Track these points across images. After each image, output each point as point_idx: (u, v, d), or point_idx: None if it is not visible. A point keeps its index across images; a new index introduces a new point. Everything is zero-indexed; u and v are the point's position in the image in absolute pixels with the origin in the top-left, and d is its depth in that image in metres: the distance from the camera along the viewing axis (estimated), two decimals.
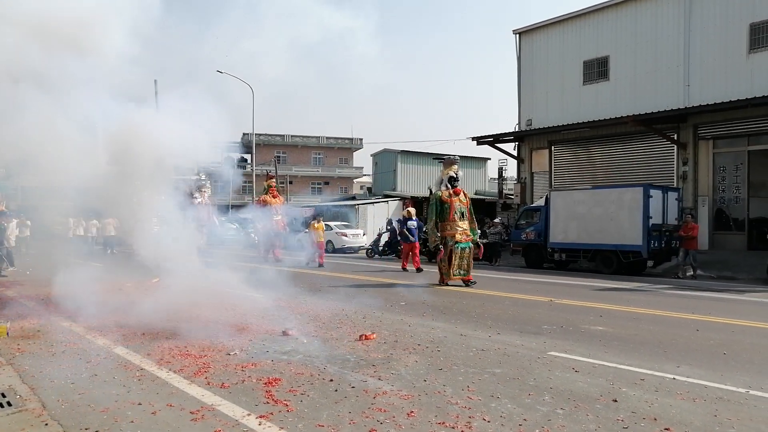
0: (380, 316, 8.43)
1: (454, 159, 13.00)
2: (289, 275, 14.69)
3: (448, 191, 12.41)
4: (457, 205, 12.30)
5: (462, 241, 12.15)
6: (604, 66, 22.44)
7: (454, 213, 12.21)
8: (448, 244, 12.13)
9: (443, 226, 12.30)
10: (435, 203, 12.44)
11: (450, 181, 12.53)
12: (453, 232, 12.15)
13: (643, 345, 6.41)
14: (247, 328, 7.46)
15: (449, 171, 12.62)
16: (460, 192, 12.55)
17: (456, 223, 12.18)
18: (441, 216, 12.33)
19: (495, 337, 6.92)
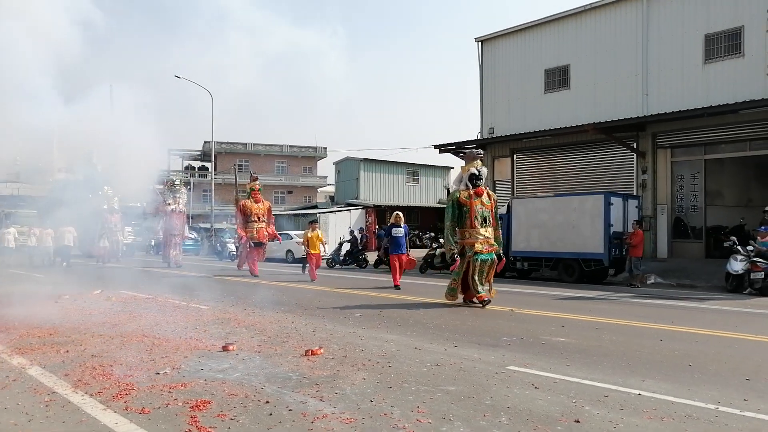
0: (332, 328, 7.91)
1: (477, 153, 10.79)
2: (252, 287, 14.05)
3: (468, 191, 10.26)
4: (478, 208, 10.16)
5: (483, 252, 10.10)
6: (565, 74, 22.50)
7: (474, 217, 10.12)
8: (466, 254, 10.13)
9: (461, 233, 10.31)
10: (452, 205, 10.35)
11: (471, 180, 10.32)
12: (472, 241, 10.11)
13: (606, 357, 6.06)
14: (184, 343, 6.84)
15: (471, 167, 10.44)
16: (483, 192, 10.35)
17: (476, 230, 10.11)
18: (459, 221, 10.28)
19: (451, 350, 6.48)
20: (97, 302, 10.71)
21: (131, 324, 8.25)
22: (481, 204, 10.26)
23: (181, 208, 22.07)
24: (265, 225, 17.71)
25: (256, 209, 17.65)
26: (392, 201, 38.84)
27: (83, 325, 8.20)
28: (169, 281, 15.36)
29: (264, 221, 17.63)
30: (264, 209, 17.82)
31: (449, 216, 10.36)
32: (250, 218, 17.42)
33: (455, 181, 10.92)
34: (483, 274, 10.18)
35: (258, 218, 17.49)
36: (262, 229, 17.54)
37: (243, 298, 11.29)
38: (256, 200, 17.82)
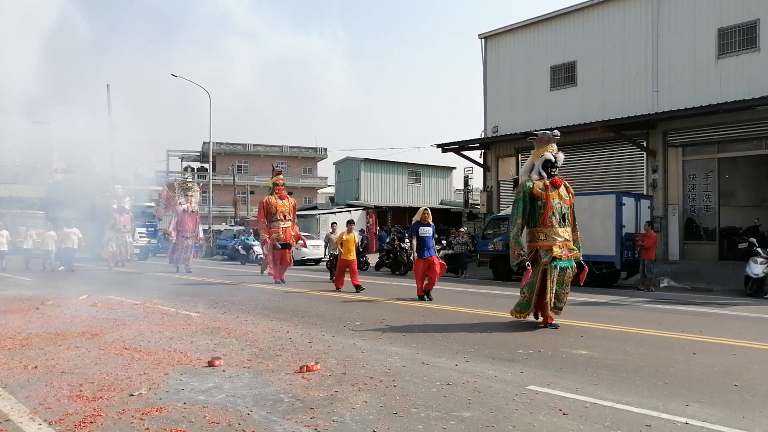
0: (330, 339, 7.25)
1: (553, 134, 8.50)
2: (259, 294, 13.39)
3: (543, 181, 8.23)
4: (556, 203, 8.13)
5: (562, 258, 8.00)
6: (572, 71, 21.87)
7: (551, 214, 8.06)
8: (541, 260, 8.02)
9: (534, 234, 8.21)
10: (523, 199, 8.22)
11: (546, 167, 8.28)
12: (549, 243, 8.01)
13: (638, 375, 5.40)
14: (167, 357, 6.19)
15: (545, 151, 8.34)
16: (560, 184, 8.36)
17: (554, 230, 8.04)
18: (531, 218, 8.21)
19: (463, 365, 5.82)
20: (81, 309, 10.05)
21: (113, 334, 7.60)
22: (560, 198, 8.23)
23: (194, 208, 20.40)
24: (291, 224, 15.78)
25: (282, 207, 15.56)
26: (393, 202, 38.21)
27: (61, 335, 7.55)
28: (162, 286, 14.71)
29: (290, 220, 15.68)
30: (290, 207, 15.81)
31: (519, 211, 8.22)
32: (275, 217, 15.38)
33: (523, 170, 8.81)
34: (563, 285, 8.08)
35: (284, 217, 15.47)
36: (288, 229, 15.53)
37: (237, 305, 10.63)
38: (281, 196, 15.73)
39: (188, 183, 20.95)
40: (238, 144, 59.88)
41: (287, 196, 16.06)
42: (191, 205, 20.07)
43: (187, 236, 19.58)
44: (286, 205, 15.70)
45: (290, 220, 15.67)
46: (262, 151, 60.12)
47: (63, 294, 12.30)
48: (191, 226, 19.84)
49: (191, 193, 20.33)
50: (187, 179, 21.49)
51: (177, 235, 19.56)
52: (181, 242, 19.57)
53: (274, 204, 15.44)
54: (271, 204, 15.44)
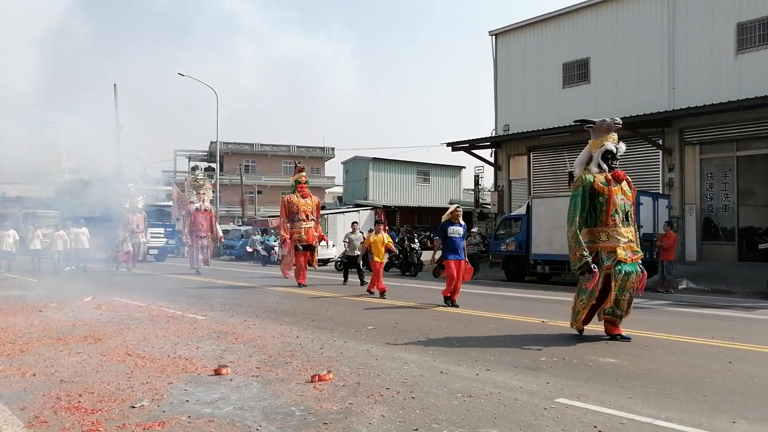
0: (342, 345, 6.93)
1: (614, 122, 7.49)
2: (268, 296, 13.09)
3: (605, 174, 7.33)
4: (619, 199, 7.23)
5: (627, 261, 7.13)
6: (585, 68, 21.44)
7: (613, 212, 7.17)
8: (603, 263, 7.14)
9: (593, 233, 7.29)
10: (582, 194, 7.27)
11: (606, 159, 7.36)
12: (612, 245, 7.14)
13: (674, 386, 5.03)
14: (171, 364, 5.89)
15: (605, 141, 7.41)
16: (623, 177, 7.47)
17: (617, 229, 7.17)
18: (591, 216, 7.32)
19: (484, 374, 5.48)
20: (85, 311, 9.79)
21: (116, 338, 7.31)
22: (622, 193, 7.32)
23: (207, 206, 19.49)
24: (314, 224, 14.86)
25: (304, 206, 14.63)
26: (402, 201, 37.88)
27: (62, 339, 7.28)
28: (170, 288, 14.48)
29: (313, 220, 14.77)
30: (312, 206, 14.92)
31: (577, 208, 7.24)
32: (296, 216, 14.52)
33: (578, 162, 7.81)
34: (625, 292, 7.15)
35: (306, 216, 14.55)
36: (311, 229, 14.60)
37: (245, 308, 10.33)
38: (303, 195, 14.81)
39: (199, 180, 20.03)
40: (245, 144, 59.73)
41: (310, 195, 15.23)
42: (203, 203, 19.29)
43: (201, 236, 18.79)
44: (309, 204, 14.83)
45: (313, 220, 14.80)
46: (270, 151, 59.95)
47: (67, 296, 12.06)
48: (205, 225, 19.06)
49: (203, 191, 19.54)
50: (198, 177, 20.37)
51: (191, 236, 18.86)
52: (196, 242, 18.84)
53: (296, 203, 14.59)
54: (292, 203, 14.60)
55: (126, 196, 20.60)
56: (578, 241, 7.15)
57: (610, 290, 7.09)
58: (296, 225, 14.48)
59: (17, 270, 19.14)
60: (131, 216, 20.28)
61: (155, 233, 25.08)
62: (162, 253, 26.52)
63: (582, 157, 7.72)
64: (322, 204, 54.94)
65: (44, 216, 28.07)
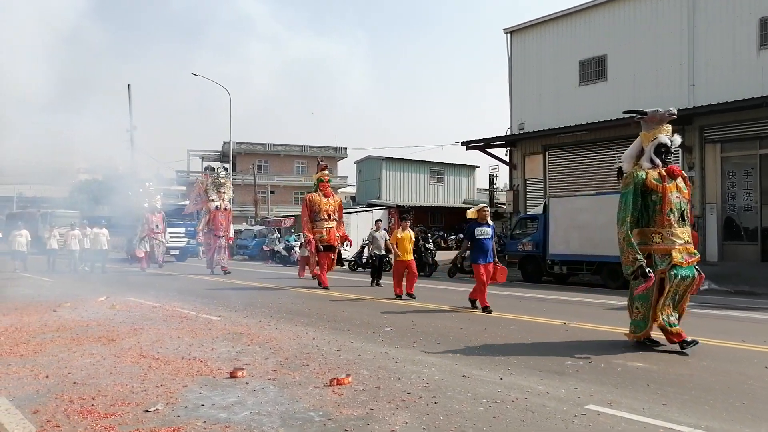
0: (359, 347, 6.75)
1: (668, 112, 6.87)
2: (282, 297, 12.97)
3: (658, 170, 6.68)
4: (674, 198, 6.59)
5: (683, 265, 6.54)
6: (602, 65, 21.09)
7: (668, 211, 6.55)
8: (657, 267, 6.49)
9: (646, 234, 6.68)
10: (633, 192, 6.63)
11: (659, 152, 6.75)
12: (667, 247, 6.53)
13: (709, 393, 4.80)
14: (186, 366, 5.75)
15: (658, 133, 6.82)
16: (679, 173, 6.82)
17: (673, 230, 6.55)
18: (643, 215, 6.69)
19: (508, 379, 5.28)
20: (99, 311, 9.72)
21: (130, 339, 7.20)
22: (678, 191, 6.67)
23: (227, 205, 19.06)
24: (337, 224, 14.39)
25: (326, 205, 14.14)
26: (415, 201, 37.67)
27: (76, 340, 7.18)
28: (183, 288, 14.41)
29: (335, 220, 14.31)
30: (335, 205, 14.45)
31: (628, 208, 6.61)
32: (318, 216, 14.03)
33: (627, 156, 7.16)
34: (676, 297, 6.64)
35: (328, 216, 14.07)
36: (333, 229, 14.13)
37: (259, 308, 10.20)
38: (326, 194, 14.34)
39: (221, 179, 19.39)
40: (258, 144, 59.86)
41: (333, 194, 14.77)
42: (224, 201, 18.84)
43: (220, 235, 18.43)
44: (331, 203, 14.34)
45: (335, 220, 14.29)
46: (282, 151, 60.03)
47: (81, 295, 12.02)
48: (224, 224, 18.68)
49: (224, 189, 19.04)
50: (220, 175, 19.53)
51: (209, 235, 18.42)
52: (214, 242, 18.41)
53: (318, 202, 14.09)
54: (314, 202, 14.09)
55: (145, 196, 20.42)
56: (630, 244, 6.50)
57: (663, 295, 6.52)
58: (318, 225, 14.04)
59: (33, 269, 19.17)
60: (150, 216, 19.94)
61: (176, 233, 24.59)
62: (183, 254, 26.16)
63: (631, 151, 7.10)
64: None
65: (62, 215, 28.11)
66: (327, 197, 14.31)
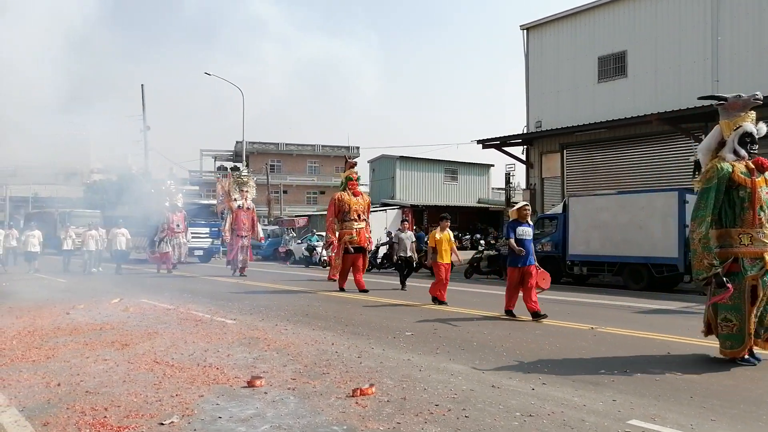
0: (381, 353, 6.50)
1: (753, 98, 6.11)
2: (298, 299, 12.77)
3: (745, 162, 5.97)
4: (764, 194, 5.90)
5: None
6: (622, 62, 20.67)
7: (759, 208, 5.83)
8: (747, 273, 5.79)
9: (731, 236, 5.94)
10: (717, 187, 5.89)
11: (744, 143, 5.99)
12: (758, 250, 5.84)
13: (760, 407, 4.47)
14: (202, 374, 5.52)
15: (742, 121, 6.07)
16: (767, 167, 6.02)
17: (764, 230, 5.85)
18: (728, 214, 5.97)
19: (541, 389, 4.99)
20: (112, 313, 9.55)
21: (144, 344, 7.00)
22: (767, 185, 5.96)
23: (250, 205, 18.49)
24: (365, 225, 13.57)
25: (356, 204, 13.34)
26: (430, 200, 37.36)
27: (89, 344, 6.99)
28: (198, 289, 14.25)
29: (364, 220, 13.49)
30: (364, 205, 13.71)
31: (709, 205, 5.89)
32: (348, 216, 13.27)
33: (704, 147, 6.41)
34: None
35: (358, 216, 13.30)
36: (363, 230, 13.29)
37: (275, 311, 9.98)
38: (354, 193, 13.58)
39: (244, 177, 18.83)
40: (271, 143, 59.92)
41: (361, 193, 13.97)
42: (246, 201, 18.31)
43: (243, 235, 17.85)
44: (360, 202, 13.55)
45: (364, 220, 13.48)
46: (295, 150, 60.02)
47: (95, 297, 11.88)
48: (247, 224, 18.19)
49: (246, 188, 18.50)
50: (242, 173, 18.97)
51: (232, 235, 17.84)
52: (236, 242, 17.80)
53: (348, 201, 13.29)
54: (343, 201, 13.30)
55: (165, 195, 19.89)
56: (708, 247, 5.84)
57: (755, 305, 5.77)
58: (347, 225, 13.29)
59: (47, 270, 19.08)
60: (171, 215, 19.39)
61: (200, 233, 23.71)
62: (207, 254, 25.52)
63: (709, 142, 6.33)
64: None
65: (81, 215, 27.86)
66: (356, 196, 13.57)
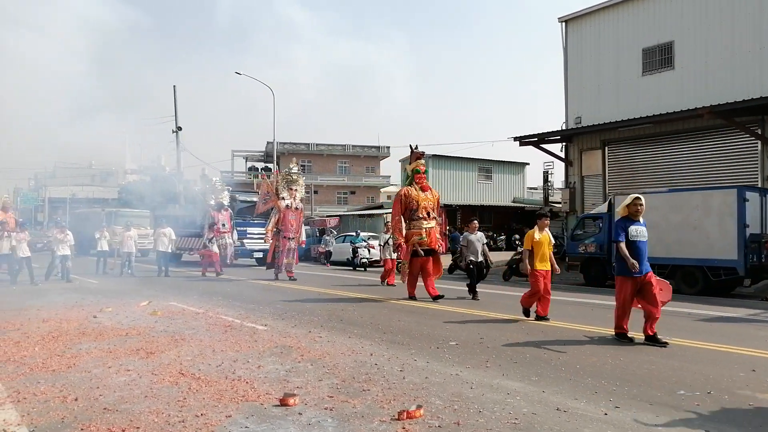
0: (425, 366, 5.90)
1: None
2: (331, 303, 12.27)
3: None
4: None
5: None
6: (668, 53, 19.63)
7: None
8: None
9: None
10: None
11: None
12: None
13: None
14: (230, 389, 5.01)
15: None
16: None
17: None
18: None
19: (615, 414, 4.32)
20: (140, 317, 9.18)
21: (170, 352, 6.55)
22: None
23: (298, 205, 17.28)
24: (436, 225, 11.90)
25: (425, 201, 11.72)
26: (463, 200, 36.58)
27: (113, 352, 6.58)
28: (227, 291, 13.87)
29: (434, 218, 11.83)
30: (434, 201, 12.04)
31: None
32: (416, 214, 11.63)
33: None
34: None
35: (428, 214, 11.65)
36: (434, 230, 11.65)
37: (308, 316, 9.47)
38: (423, 188, 11.91)
39: (293, 175, 17.40)
40: (301, 143, 59.94)
41: (430, 188, 12.24)
42: (295, 200, 17.07)
43: (290, 237, 16.76)
44: (430, 198, 11.89)
45: (435, 219, 11.79)
46: (325, 150, 59.89)
47: (124, 299, 11.58)
48: (295, 225, 17.02)
49: (296, 187, 17.24)
50: (292, 170, 17.49)
51: (278, 236, 16.70)
52: (283, 244, 16.64)
53: (416, 197, 11.64)
54: (411, 197, 11.64)
55: (211, 192, 19.20)
56: None
57: None
58: (415, 225, 11.63)
59: (79, 271, 18.86)
60: (216, 214, 18.45)
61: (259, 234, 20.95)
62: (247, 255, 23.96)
63: None
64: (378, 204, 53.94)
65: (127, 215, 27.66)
66: (424, 191, 11.88)
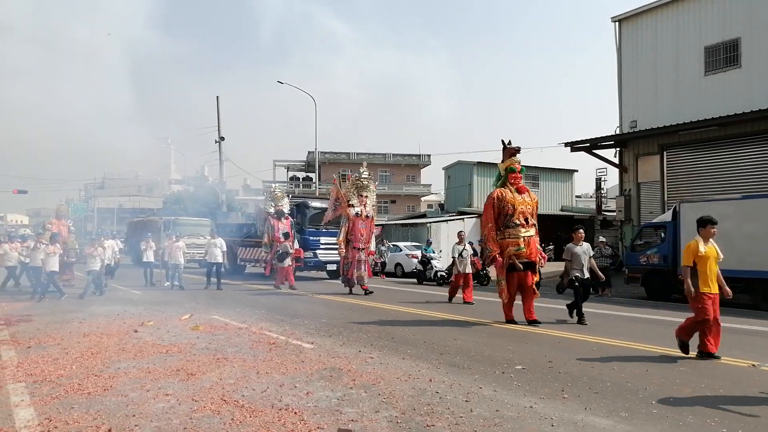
0: (492, 396, 5.22)
1: None
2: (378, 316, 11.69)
3: None
4: None
5: None
6: (734, 51, 18.42)
7: None
8: None
9: None
10: None
11: None
12: None
13: None
14: (276, 421, 4.47)
15: None
16: None
17: None
18: None
19: None
20: (181, 333, 8.78)
21: (212, 374, 6.07)
22: None
23: (369, 212, 15.94)
24: (536, 233, 10.11)
25: (522, 204, 9.94)
26: None
27: (152, 372, 6.14)
28: (271, 304, 13.46)
29: (534, 225, 10.06)
30: (533, 205, 10.20)
31: None
32: (511, 221, 9.86)
33: None
34: None
35: (525, 220, 9.89)
36: (533, 239, 9.92)
37: (356, 333, 8.90)
38: (519, 189, 10.09)
39: (363, 181, 16.13)
40: (342, 153, 59.86)
41: (527, 189, 10.30)
42: (365, 208, 15.77)
43: (360, 247, 15.50)
44: (528, 202, 10.07)
45: (533, 225, 10.02)
46: (366, 159, 59.44)
47: (165, 312, 11.26)
48: (365, 235, 15.77)
49: (366, 193, 15.96)
50: (362, 175, 16.22)
51: (348, 247, 15.51)
52: (353, 255, 15.45)
53: (511, 200, 9.89)
54: (505, 200, 9.89)
55: (270, 200, 18.64)
56: None
57: None
58: (511, 233, 9.85)
59: (128, 282, 18.65)
60: (276, 222, 17.60)
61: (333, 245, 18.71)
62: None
63: None
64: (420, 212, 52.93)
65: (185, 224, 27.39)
66: (521, 193, 10.06)
